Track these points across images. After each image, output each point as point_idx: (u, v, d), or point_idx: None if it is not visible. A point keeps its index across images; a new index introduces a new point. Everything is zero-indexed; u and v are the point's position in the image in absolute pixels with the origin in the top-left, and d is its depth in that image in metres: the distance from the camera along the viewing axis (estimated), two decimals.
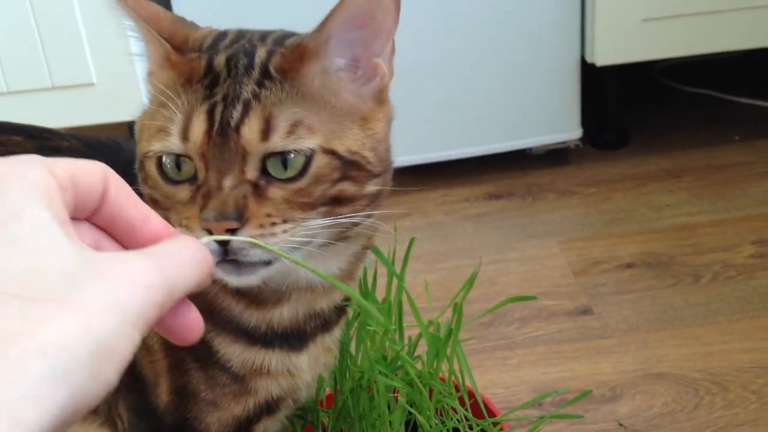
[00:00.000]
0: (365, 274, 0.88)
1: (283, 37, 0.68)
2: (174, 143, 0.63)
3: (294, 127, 0.62)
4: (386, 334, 0.87)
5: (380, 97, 0.69)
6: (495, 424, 0.89)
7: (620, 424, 1.15)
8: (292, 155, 0.62)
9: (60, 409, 0.34)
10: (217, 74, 0.64)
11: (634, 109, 2.06)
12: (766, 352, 1.27)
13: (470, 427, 0.89)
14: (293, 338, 0.76)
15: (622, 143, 1.97)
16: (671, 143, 1.95)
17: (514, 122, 1.85)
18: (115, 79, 1.55)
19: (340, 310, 0.79)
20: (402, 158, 1.76)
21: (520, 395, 1.22)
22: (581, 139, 1.91)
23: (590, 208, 1.73)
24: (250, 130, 0.61)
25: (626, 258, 1.54)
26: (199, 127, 0.62)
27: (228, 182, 0.61)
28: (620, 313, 1.38)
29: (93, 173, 0.44)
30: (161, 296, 0.40)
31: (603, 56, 1.79)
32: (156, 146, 0.64)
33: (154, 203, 0.66)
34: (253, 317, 0.74)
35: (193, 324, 0.46)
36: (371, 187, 0.67)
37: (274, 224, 0.62)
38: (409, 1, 1.66)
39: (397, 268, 0.89)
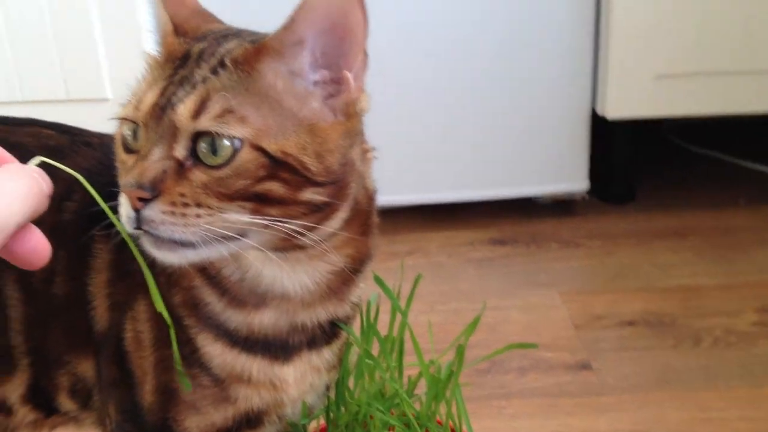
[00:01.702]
0: (368, 309, 0.87)
1: (262, 36, 0.69)
2: (130, 111, 0.66)
3: (225, 113, 0.63)
4: (385, 370, 0.86)
5: (347, 111, 0.69)
6: None
7: None
8: (224, 142, 0.63)
9: None
10: (188, 59, 0.67)
11: (642, 165, 2.06)
12: (765, 422, 1.25)
13: None
14: (276, 348, 0.76)
15: (629, 198, 1.97)
16: (677, 201, 1.95)
17: (522, 169, 1.85)
18: None
19: (330, 332, 0.79)
20: (408, 197, 1.78)
21: None
22: (588, 191, 1.91)
23: (594, 261, 1.72)
24: (184, 108, 0.63)
25: (628, 315, 1.53)
26: (149, 99, 0.65)
27: (155, 154, 0.63)
28: (619, 371, 1.37)
29: None
30: None
31: (614, 110, 1.79)
32: (121, 112, 0.68)
33: None
34: (233, 318, 0.75)
35: (37, 247, 0.48)
36: (310, 195, 0.66)
37: (186, 205, 0.62)
38: (421, 41, 1.68)
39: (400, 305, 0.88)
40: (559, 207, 1.93)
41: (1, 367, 0.82)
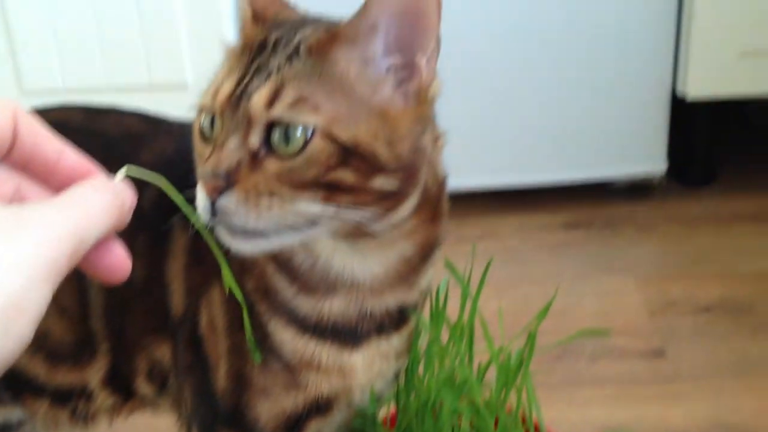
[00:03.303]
0: (437, 295, 0.87)
1: (337, 24, 0.69)
2: (207, 100, 0.67)
3: (299, 102, 0.63)
4: (455, 357, 0.86)
5: (419, 96, 0.69)
6: None
7: None
8: (297, 130, 0.63)
9: None
10: (265, 47, 0.67)
11: (722, 147, 2.01)
12: None
13: None
14: (345, 335, 0.77)
15: (708, 180, 1.92)
16: (758, 186, 1.89)
17: (598, 151, 1.82)
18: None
19: (399, 319, 0.79)
20: (480, 181, 1.77)
21: None
22: (666, 174, 1.86)
23: (670, 246, 1.69)
24: (259, 97, 0.63)
25: (705, 301, 1.50)
26: (226, 88, 0.65)
27: (230, 144, 0.64)
28: (695, 358, 1.34)
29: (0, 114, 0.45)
30: (70, 247, 0.41)
31: (695, 89, 1.74)
32: (198, 101, 0.68)
33: None
34: (304, 304, 0.76)
35: (117, 262, 0.48)
36: (380, 182, 0.66)
37: (259, 195, 0.63)
38: (496, 19, 1.67)
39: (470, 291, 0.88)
40: (635, 190, 1.89)
41: (83, 352, 0.85)
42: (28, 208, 0.42)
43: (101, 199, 0.45)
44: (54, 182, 0.49)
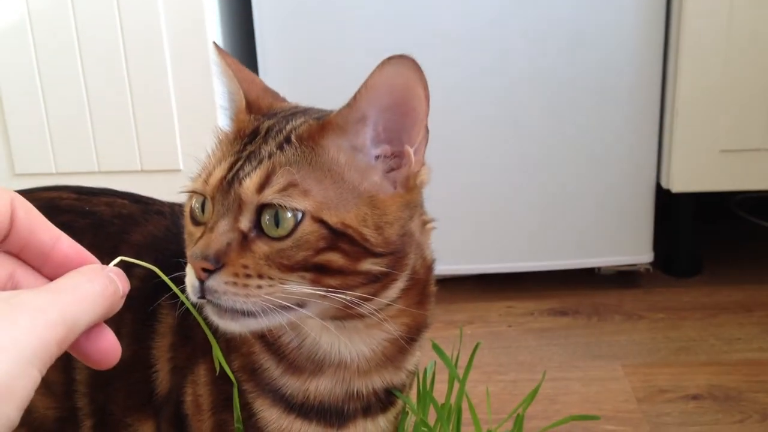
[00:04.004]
0: (425, 376, 0.87)
1: (327, 113, 0.72)
2: (199, 185, 0.69)
3: (289, 187, 0.65)
4: None
5: (407, 184, 0.71)
6: None
7: None
8: (287, 214, 0.64)
9: None
10: (257, 135, 0.70)
11: (708, 238, 2.04)
12: None
13: None
14: (331, 415, 0.77)
15: (694, 271, 1.94)
16: (744, 276, 1.91)
17: (585, 240, 1.84)
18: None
19: (385, 400, 0.79)
20: (470, 266, 1.79)
21: None
22: (652, 264, 1.88)
23: (658, 334, 1.69)
24: (250, 182, 0.65)
25: (692, 389, 1.49)
26: (218, 173, 0.67)
27: (220, 227, 0.65)
28: None
29: None
30: (60, 333, 0.42)
31: (679, 183, 1.78)
32: (191, 186, 0.70)
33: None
34: (290, 384, 0.76)
35: (108, 349, 0.48)
36: (368, 266, 0.68)
37: (248, 276, 0.64)
38: (492, 112, 1.71)
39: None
40: (622, 279, 1.91)
41: (66, 429, 0.84)
42: (21, 294, 0.43)
43: (94, 286, 0.46)
44: (48, 269, 0.49)
